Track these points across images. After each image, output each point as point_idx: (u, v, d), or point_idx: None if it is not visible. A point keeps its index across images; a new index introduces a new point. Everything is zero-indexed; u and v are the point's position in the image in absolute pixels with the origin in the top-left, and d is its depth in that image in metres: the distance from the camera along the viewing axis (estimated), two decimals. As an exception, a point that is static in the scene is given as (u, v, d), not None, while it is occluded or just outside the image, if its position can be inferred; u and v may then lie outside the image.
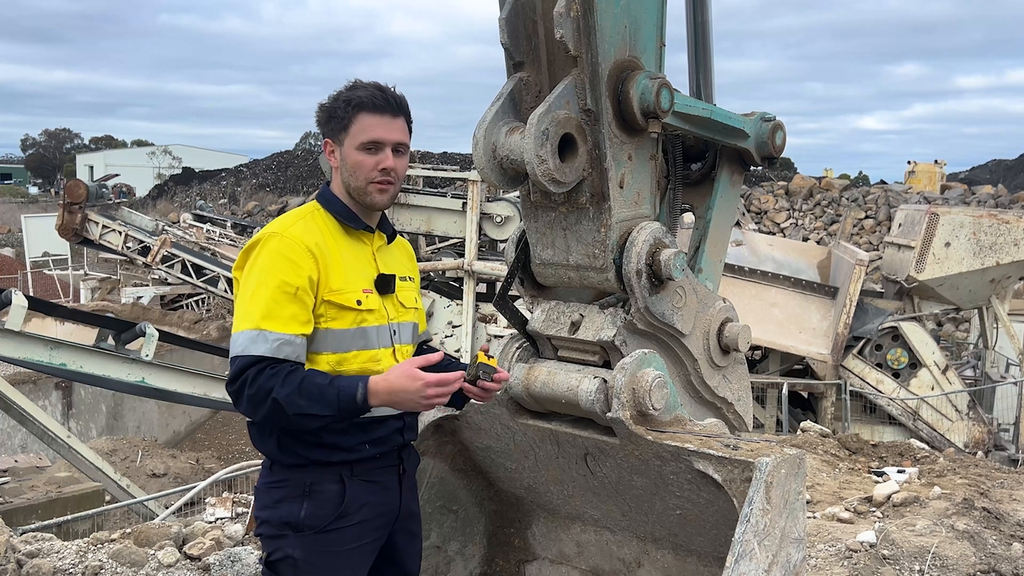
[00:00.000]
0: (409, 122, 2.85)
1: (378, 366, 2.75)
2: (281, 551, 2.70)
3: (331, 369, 2.68)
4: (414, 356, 2.84)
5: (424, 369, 2.60)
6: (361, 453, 2.75)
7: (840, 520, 5.61)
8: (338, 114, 2.75)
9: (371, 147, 2.74)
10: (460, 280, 15.57)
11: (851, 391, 13.36)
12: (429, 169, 20.62)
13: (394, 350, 2.84)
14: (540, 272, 3.24)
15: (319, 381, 2.56)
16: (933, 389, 13.49)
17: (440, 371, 2.65)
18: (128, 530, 5.56)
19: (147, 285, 26.61)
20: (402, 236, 3.16)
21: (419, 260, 16.91)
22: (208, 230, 23.96)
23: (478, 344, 15.00)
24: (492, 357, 2.81)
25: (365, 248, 2.86)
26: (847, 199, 37.08)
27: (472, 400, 2.92)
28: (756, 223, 35.26)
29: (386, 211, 2.92)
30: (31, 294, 19.61)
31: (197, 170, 59.59)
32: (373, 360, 2.76)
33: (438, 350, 3.01)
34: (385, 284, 2.84)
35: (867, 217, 35.55)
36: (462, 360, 3.01)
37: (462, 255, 15.40)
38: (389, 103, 2.75)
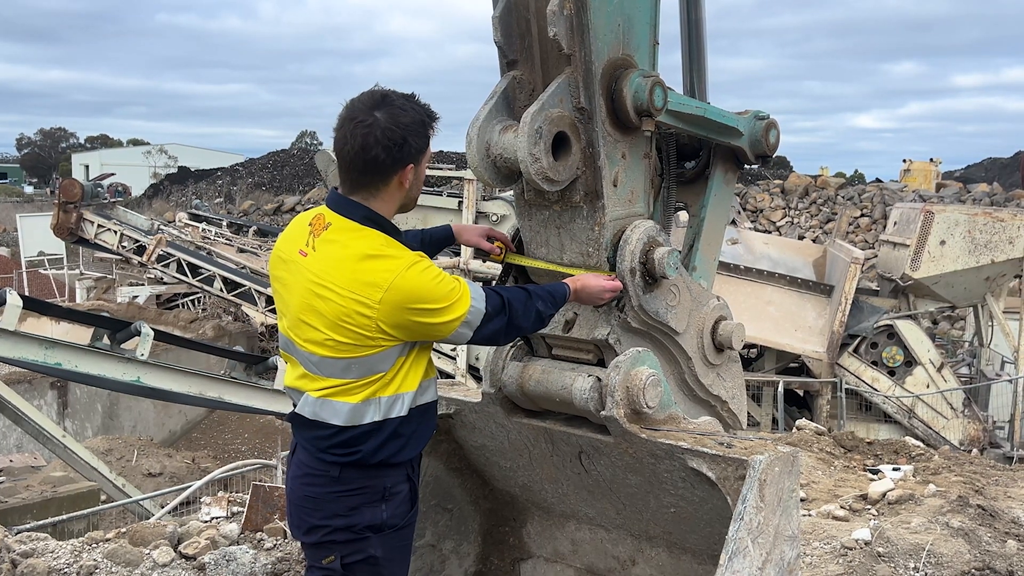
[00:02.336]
0: None
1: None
2: (362, 552, 2.83)
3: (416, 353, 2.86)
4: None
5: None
6: (428, 438, 2.98)
7: (835, 518, 5.61)
8: (426, 135, 2.79)
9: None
10: (456, 279, 15.55)
11: (847, 389, 13.38)
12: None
13: None
14: (534, 270, 3.24)
15: (548, 289, 2.94)
16: (928, 387, 13.51)
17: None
18: (123, 529, 5.54)
19: (143, 284, 26.55)
20: None
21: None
22: (204, 229, 23.89)
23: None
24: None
25: None
26: (843, 197, 37.11)
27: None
28: (752, 221, 35.26)
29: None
30: (26, 293, 19.58)
31: (193, 169, 59.40)
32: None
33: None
34: None
35: (863, 215, 35.57)
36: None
37: (458, 254, 15.39)
38: None
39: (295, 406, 2.90)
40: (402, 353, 2.77)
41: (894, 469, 7.02)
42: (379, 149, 2.68)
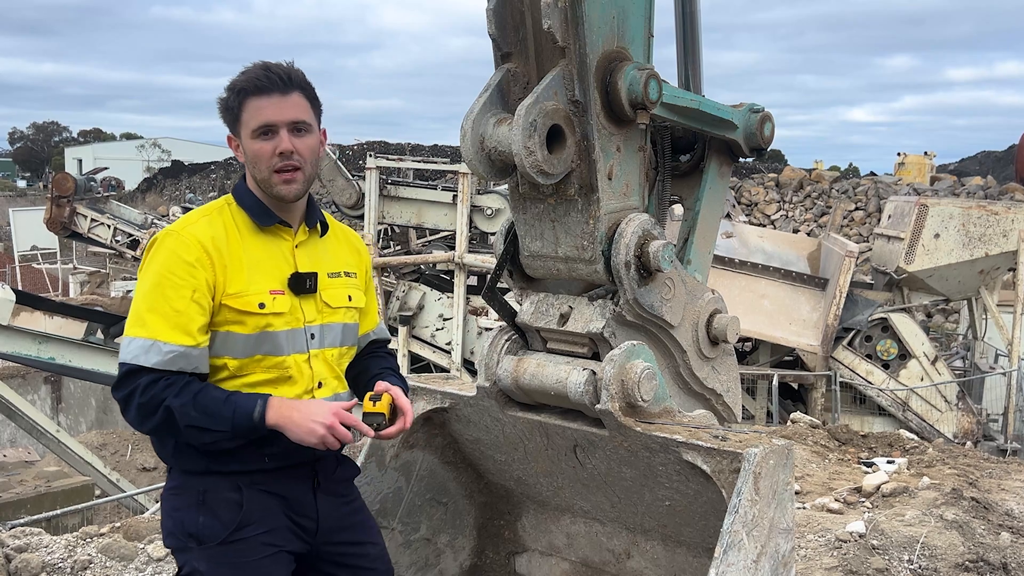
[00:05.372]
0: (310, 96, 2.62)
1: (286, 372, 2.58)
2: (189, 565, 2.54)
3: (231, 374, 2.53)
4: (367, 360, 2.87)
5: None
6: (259, 464, 2.56)
7: (830, 510, 5.63)
8: (229, 105, 2.57)
9: (265, 132, 2.53)
10: (451, 273, 15.54)
11: (841, 382, 13.38)
12: (419, 162, 20.57)
13: (310, 356, 2.64)
14: (529, 264, 3.23)
15: (216, 395, 2.43)
16: (922, 380, 13.53)
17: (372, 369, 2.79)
18: (118, 524, 5.54)
19: (136, 279, 26.48)
20: (388, 228, 3.11)
21: (409, 253, 16.89)
22: (198, 223, 23.79)
23: (469, 336, 14.95)
24: (378, 400, 2.58)
25: (283, 244, 2.65)
26: (837, 191, 37.11)
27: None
28: (746, 215, 35.29)
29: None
30: (19, 288, 19.52)
31: (186, 163, 59.27)
32: (280, 367, 2.57)
33: (392, 354, 2.98)
34: (300, 284, 2.62)
35: (857, 209, 35.60)
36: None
37: (453, 248, 15.37)
38: (274, 81, 2.53)
39: None
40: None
41: (888, 462, 7.04)
42: None
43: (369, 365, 2.88)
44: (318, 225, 2.74)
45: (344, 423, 2.46)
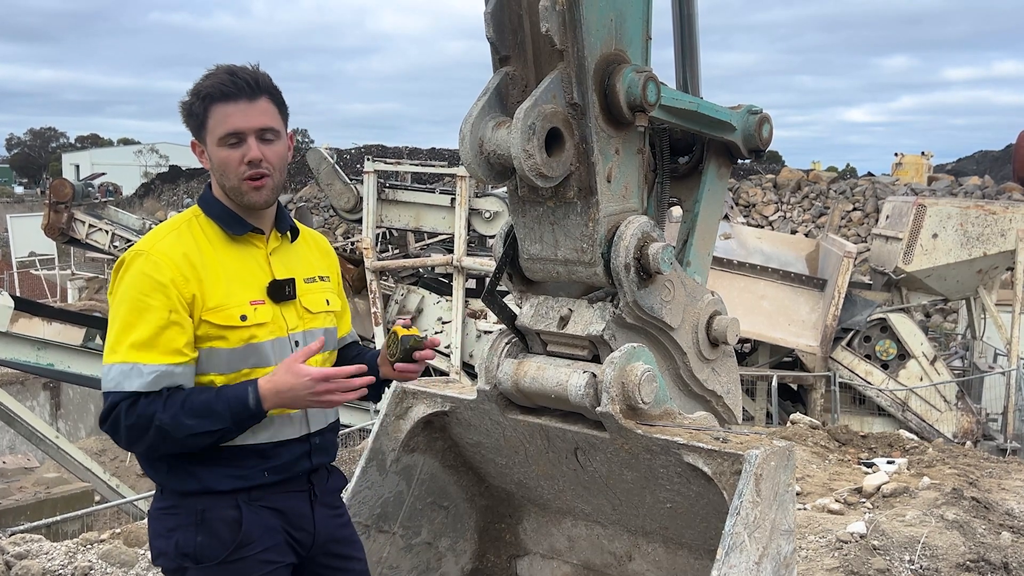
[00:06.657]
0: (277, 101, 2.57)
1: None
2: None
3: None
4: (336, 365, 2.77)
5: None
6: (260, 480, 2.54)
7: (830, 511, 5.63)
8: (194, 110, 2.49)
9: (232, 140, 2.47)
10: (449, 276, 15.54)
11: (840, 383, 13.39)
12: (417, 165, 20.57)
13: None
14: (528, 267, 3.23)
15: (204, 397, 2.39)
16: (922, 380, 13.54)
17: (354, 363, 2.62)
18: (118, 530, 5.53)
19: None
20: (386, 232, 3.09)
21: (407, 256, 16.89)
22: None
23: (468, 339, 14.96)
24: (411, 327, 2.73)
25: (256, 252, 2.61)
26: (835, 191, 37.16)
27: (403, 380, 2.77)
28: (744, 216, 35.31)
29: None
30: (17, 294, 19.53)
31: (184, 168, 59.20)
32: None
33: (365, 351, 2.95)
34: (279, 291, 2.59)
35: (855, 209, 35.64)
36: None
37: (451, 251, 15.38)
38: (241, 87, 2.46)
39: None
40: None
41: (888, 462, 7.05)
42: None
43: (348, 357, 2.91)
44: (288, 231, 2.71)
45: (325, 377, 2.42)
